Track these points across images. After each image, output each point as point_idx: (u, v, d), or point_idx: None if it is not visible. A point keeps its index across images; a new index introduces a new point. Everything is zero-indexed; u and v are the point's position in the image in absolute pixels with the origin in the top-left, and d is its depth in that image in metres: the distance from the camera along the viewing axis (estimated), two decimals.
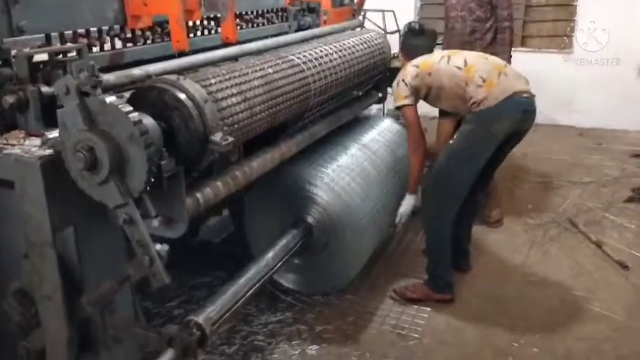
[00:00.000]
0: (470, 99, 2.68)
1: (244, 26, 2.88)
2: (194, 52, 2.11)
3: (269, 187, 2.72)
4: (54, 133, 1.58)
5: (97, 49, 2.05)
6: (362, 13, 3.86)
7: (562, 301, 2.92)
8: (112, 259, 1.74)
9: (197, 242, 3.30)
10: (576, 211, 3.92)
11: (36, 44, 1.75)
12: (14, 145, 1.60)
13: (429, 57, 2.87)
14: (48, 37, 1.82)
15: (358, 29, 3.37)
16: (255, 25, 2.96)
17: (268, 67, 2.14)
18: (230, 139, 1.71)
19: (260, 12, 3.00)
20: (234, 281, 2.16)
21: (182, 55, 2.03)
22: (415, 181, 2.89)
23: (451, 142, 2.75)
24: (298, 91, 2.28)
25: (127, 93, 1.66)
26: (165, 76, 1.73)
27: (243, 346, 2.56)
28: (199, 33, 2.60)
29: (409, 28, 3.05)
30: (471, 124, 2.69)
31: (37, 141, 1.61)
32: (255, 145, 2.24)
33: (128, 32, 2.18)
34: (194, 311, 1.91)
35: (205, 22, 2.61)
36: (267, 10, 3.05)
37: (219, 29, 2.55)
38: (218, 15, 2.46)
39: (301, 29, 3.20)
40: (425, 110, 2.99)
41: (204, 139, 1.67)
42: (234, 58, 2.17)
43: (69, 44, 1.88)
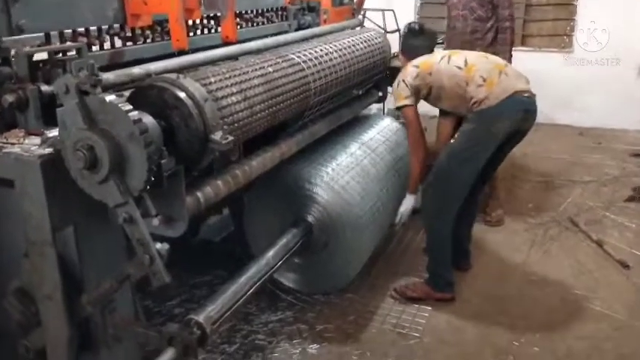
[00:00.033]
0: (471, 99, 2.68)
1: (244, 25, 2.88)
2: (194, 51, 2.10)
3: (269, 186, 2.72)
4: (54, 132, 1.57)
5: (97, 48, 2.06)
6: (362, 13, 3.85)
7: (563, 300, 2.92)
8: (112, 258, 1.74)
9: (197, 241, 3.30)
10: (577, 210, 3.92)
11: (35, 43, 1.75)
12: (14, 144, 1.60)
13: (430, 57, 2.86)
14: (47, 36, 1.82)
15: (358, 28, 3.36)
16: (255, 24, 2.97)
17: (268, 66, 2.13)
18: (230, 138, 1.70)
19: (260, 11, 3.00)
20: (234, 280, 2.16)
21: (182, 54, 2.03)
22: (415, 182, 2.89)
23: (452, 142, 2.75)
24: (298, 90, 2.27)
25: (127, 92, 1.66)
26: (165, 75, 1.73)
27: (243, 345, 2.56)
28: (199, 32, 2.60)
29: (409, 29, 3.04)
30: (472, 124, 2.69)
31: (37, 140, 1.60)
32: (255, 144, 2.24)
33: (128, 31, 2.18)
34: (194, 310, 1.90)
35: (205, 21, 2.61)
36: (267, 9, 3.05)
37: (219, 28, 2.56)
38: (218, 14, 2.46)
39: (301, 28, 3.19)
40: (425, 109, 2.98)
41: (204, 138, 1.66)
42: (234, 57, 2.17)
43: (69, 43, 1.88)
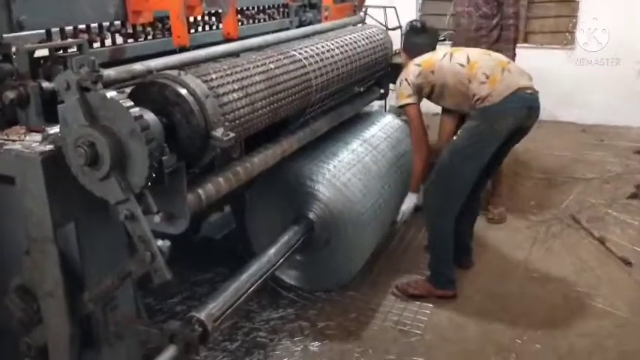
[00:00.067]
0: (473, 96, 2.67)
1: (245, 22, 2.88)
2: (195, 48, 2.10)
3: (270, 184, 2.71)
4: (55, 129, 1.57)
5: (98, 45, 2.06)
6: (363, 9, 3.84)
7: (565, 298, 2.91)
8: (114, 255, 1.73)
9: (199, 239, 3.30)
10: (579, 208, 3.91)
11: (36, 40, 1.75)
12: (15, 141, 1.60)
13: (432, 55, 2.85)
14: (48, 33, 1.82)
15: (360, 25, 3.35)
16: (256, 21, 2.96)
17: (270, 63, 2.13)
18: (231, 135, 1.70)
19: (261, 8, 3.00)
20: (236, 278, 2.16)
21: (183, 51, 2.02)
22: (417, 180, 2.88)
23: (455, 139, 2.74)
24: (300, 87, 2.27)
25: (128, 89, 1.66)
26: (166, 72, 1.72)
27: (245, 343, 2.56)
28: (200, 29, 2.60)
29: (411, 27, 3.03)
30: (475, 121, 2.68)
31: (38, 136, 1.60)
32: (256, 141, 2.23)
33: (129, 28, 2.17)
34: (196, 307, 1.90)
35: (206, 18, 2.61)
36: (268, 6, 3.04)
37: (220, 25, 2.55)
38: (219, 11, 2.45)
39: (302, 25, 3.19)
40: (427, 107, 2.97)
41: (205, 135, 1.66)
42: (235, 54, 2.16)
43: (69, 40, 1.88)
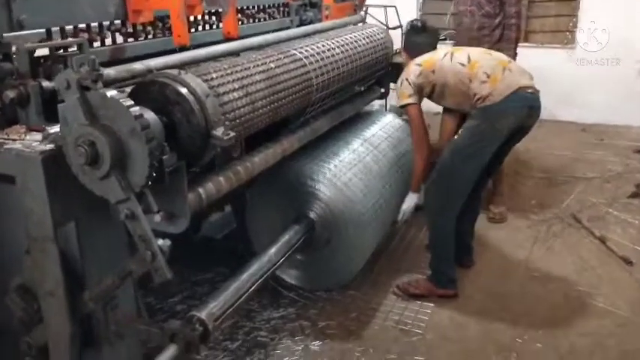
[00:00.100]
0: (474, 95, 2.66)
1: (246, 21, 2.87)
2: (195, 47, 2.10)
3: (271, 183, 2.71)
4: (55, 128, 1.57)
5: (98, 44, 2.06)
6: (364, 9, 3.84)
7: (565, 297, 2.91)
8: (114, 255, 1.73)
9: (199, 238, 3.30)
10: (580, 207, 3.91)
11: (37, 39, 1.75)
12: (15, 140, 1.60)
13: (432, 54, 2.85)
14: (49, 32, 1.82)
15: (360, 24, 3.35)
16: (256, 20, 2.96)
17: (270, 62, 2.12)
18: (232, 134, 1.70)
19: (261, 7, 2.99)
20: (236, 277, 2.16)
21: (183, 50, 2.02)
22: (418, 180, 2.88)
23: (456, 138, 2.73)
24: (300, 87, 2.26)
25: (128, 88, 1.65)
26: (166, 71, 1.72)
27: (246, 342, 2.56)
28: (200, 28, 2.60)
29: (411, 26, 3.02)
30: (476, 120, 2.67)
31: (38, 136, 1.60)
32: (257, 141, 2.23)
33: (129, 27, 2.17)
34: (197, 307, 1.90)
35: (207, 17, 2.60)
36: (268, 5, 3.04)
37: (220, 24, 2.55)
38: (219, 10, 2.45)
39: (303, 24, 3.18)
40: (429, 106, 2.97)
41: (205, 134, 1.66)
42: (235, 53, 2.16)
43: (70, 39, 1.87)
